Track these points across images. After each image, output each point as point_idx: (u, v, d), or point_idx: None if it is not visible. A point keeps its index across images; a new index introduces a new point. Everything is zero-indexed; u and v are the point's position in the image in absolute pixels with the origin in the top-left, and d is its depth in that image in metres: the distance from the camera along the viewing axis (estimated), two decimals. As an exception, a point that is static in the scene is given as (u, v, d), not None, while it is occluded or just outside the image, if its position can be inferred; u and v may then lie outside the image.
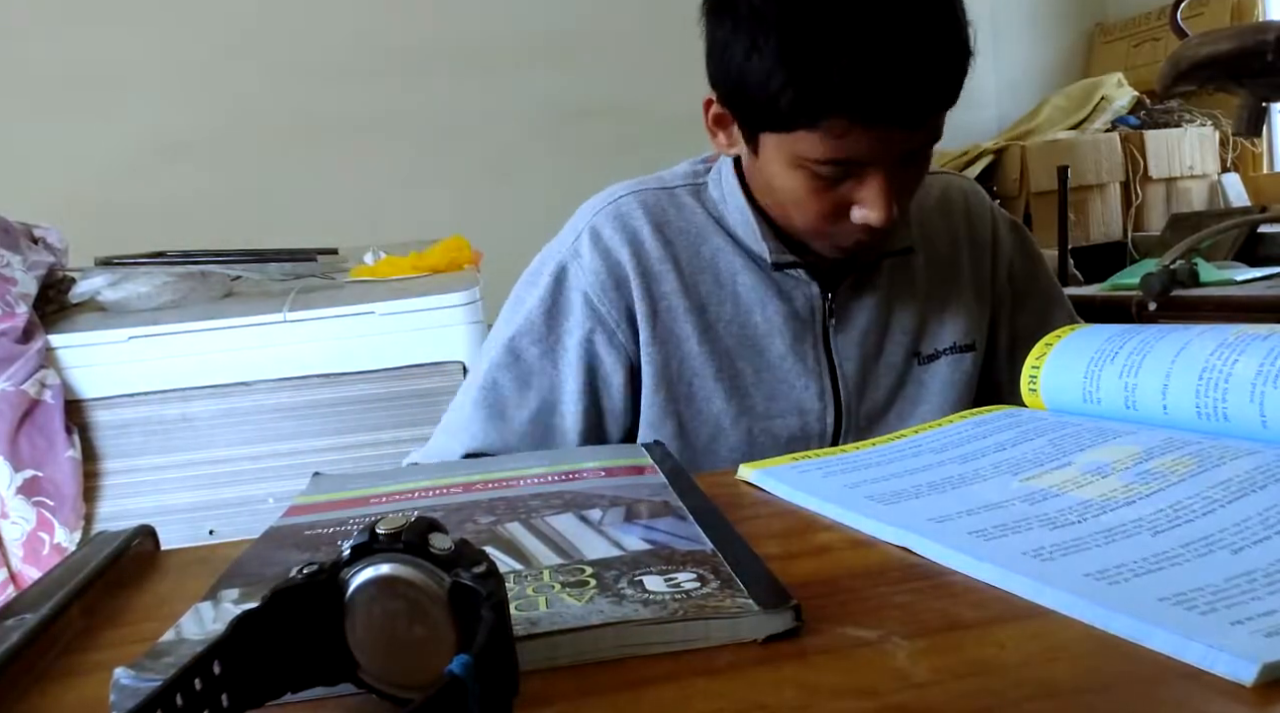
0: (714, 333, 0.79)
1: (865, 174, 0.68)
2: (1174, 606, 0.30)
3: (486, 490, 0.50)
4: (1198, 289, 1.43)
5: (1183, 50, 1.35)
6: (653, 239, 0.79)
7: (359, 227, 2.25)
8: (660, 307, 0.78)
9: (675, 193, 0.82)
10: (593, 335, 0.78)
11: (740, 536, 0.40)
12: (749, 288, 0.79)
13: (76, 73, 2.46)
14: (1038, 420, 0.55)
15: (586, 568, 0.37)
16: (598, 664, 0.31)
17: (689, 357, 0.78)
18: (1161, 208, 2.52)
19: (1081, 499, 0.40)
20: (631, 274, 0.78)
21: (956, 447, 0.52)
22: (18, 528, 1.32)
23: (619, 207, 0.81)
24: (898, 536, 0.39)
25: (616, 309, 0.78)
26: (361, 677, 0.29)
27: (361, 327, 1.44)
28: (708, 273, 0.79)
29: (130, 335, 1.41)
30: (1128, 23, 2.98)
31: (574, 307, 0.78)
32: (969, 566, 0.36)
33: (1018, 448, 0.49)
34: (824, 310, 0.79)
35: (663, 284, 0.78)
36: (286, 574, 0.39)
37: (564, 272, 0.79)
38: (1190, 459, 0.42)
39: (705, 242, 0.80)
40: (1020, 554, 0.35)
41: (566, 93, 2.63)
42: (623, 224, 0.79)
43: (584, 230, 0.80)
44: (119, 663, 0.31)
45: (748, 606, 0.32)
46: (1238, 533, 0.35)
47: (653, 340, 0.78)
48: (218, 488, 1.44)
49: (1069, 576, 0.33)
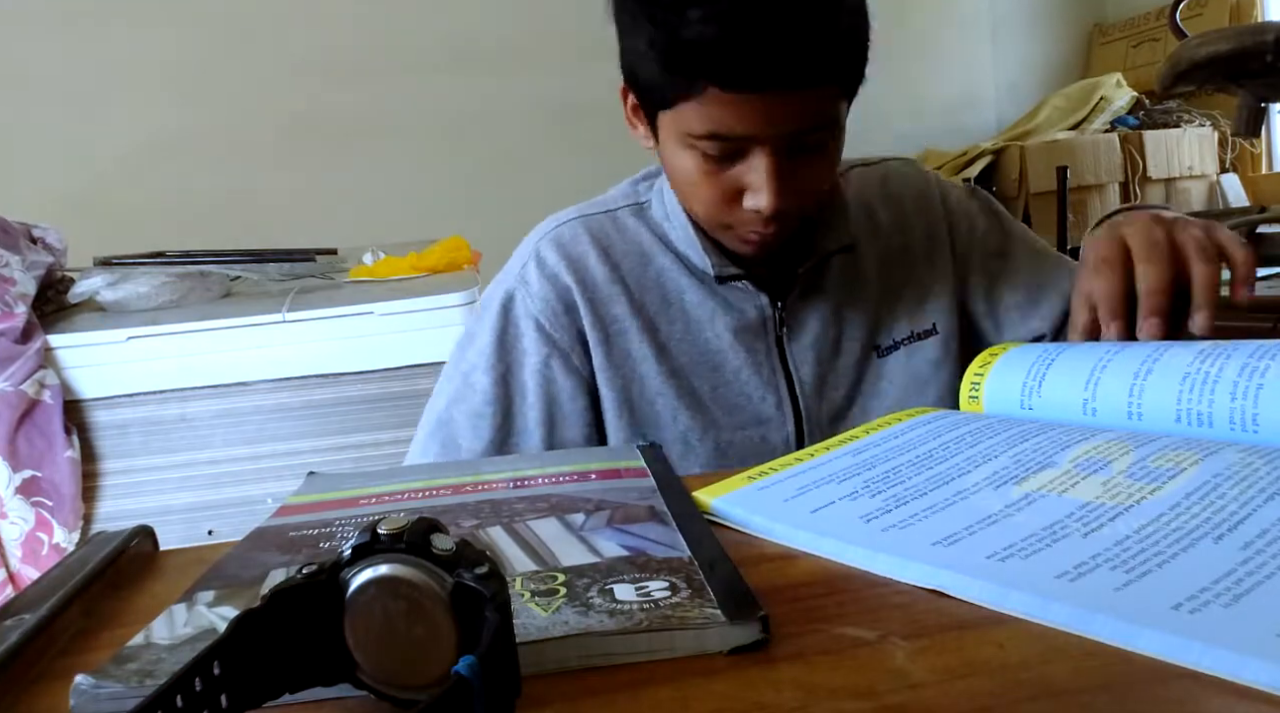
0: (668, 352, 0.78)
1: (750, 155, 0.66)
2: (1227, 620, 0.28)
3: (475, 493, 0.50)
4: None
5: (1182, 51, 1.35)
6: (599, 263, 0.78)
7: (358, 227, 2.25)
8: (612, 330, 0.77)
9: (617, 216, 0.82)
10: (549, 361, 0.77)
11: (719, 542, 0.39)
12: (696, 305, 0.78)
13: (76, 72, 2.46)
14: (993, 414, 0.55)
15: (559, 575, 0.36)
16: (597, 666, 0.31)
17: (648, 378, 0.77)
18: (1160, 208, 2.52)
19: (1079, 502, 0.39)
20: (579, 299, 0.77)
21: (925, 445, 0.50)
22: (16, 528, 1.32)
23: (561, 232, 0.80)
24: (904, 572, 0.36)
25: (569, 334, 0.77)
26: (360, 677, 0.29)
27: (360, 327, 1.44)
28: (655, 292, 0.79)
29: (129, 335, 1.41)
30: (1127, 23, 2.99)
31: (524, 333, 0.77)
32: (997, 597, 0.33)
33: (993, 454, 0.47)
34: (775, 319, 0.78)
35: (612, 307, 0.77)
36: (265, 577, 0.39)
37: (511, 300, 0.78)
38: (1192, 454, 0.42)
39: (650, 261, 0.79)
40: (1053, 578, 0.32)
41: (566, 93, 2.63)
42: (567, 250, 0.79)
43: (529, 258, 0.80)
44: (118, 663, 0.31)
45: (715, 616, 0.32)
46: (1260, 533, 0.33)
47: (608, 365, 0.77)
48: (217, 488, 1.44)
49: (1100, 597, 0.31)
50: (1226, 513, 0.36)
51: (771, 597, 0.34)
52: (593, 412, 0.77)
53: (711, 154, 0.67)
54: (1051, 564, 0.33)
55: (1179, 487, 0.39)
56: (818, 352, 0.79)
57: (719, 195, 0.69)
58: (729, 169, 0.68)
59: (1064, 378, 0.54)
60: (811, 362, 0.79)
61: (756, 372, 0.78)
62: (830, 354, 0.80)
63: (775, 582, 0.36)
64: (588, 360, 0.77)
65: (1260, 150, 2.66)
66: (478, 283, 1.52)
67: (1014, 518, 0.38)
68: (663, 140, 0.71)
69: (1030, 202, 2.47)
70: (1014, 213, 2.62)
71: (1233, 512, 0.36)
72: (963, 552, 0.36)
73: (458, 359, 0.81)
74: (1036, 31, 3.14)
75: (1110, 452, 0.44)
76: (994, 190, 2.54)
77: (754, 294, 0.78)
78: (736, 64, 0.62)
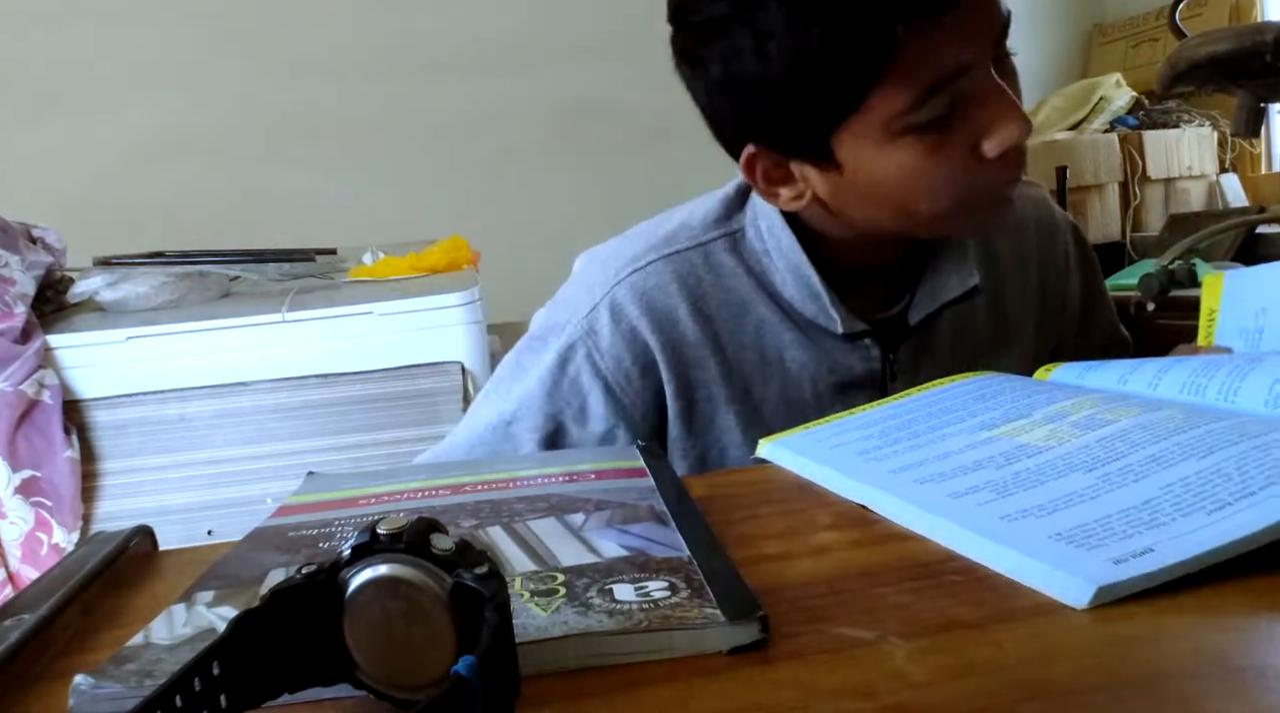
0: (759, 417, 0.68)
1: (974, 92, 0.56)
2: (1058, 541, 0.34)
3: (475, 493, 0.50)
4: (1196, 290, 1.43)
5: (1181, 51, 1.35)
6: (689, 319, 0.66)
7: (357, 227, 2.25)
8: (698, 396, 0.67)
9: (710, 251, 0.68)
10: (614, 432, 0.67)
11: (718, 541, 0.39)
12: (800, 364, 0.68)
13: (75, 72, 2.46)
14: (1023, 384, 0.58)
15: (559, 575, 0.36)
16: (597, 666, 0.31)
17: (730, 446, 0.68)
18: (1160, 208, 2.52)
19: (1018, 444, 0.44)
20: (661, 361, 0.66)
21: (938, 405, 0.56)
22: (16, 528, 1.32)
23: (646, 278, 0.67)
24: (858, 493, 0.44)
25: (643, 399, 0.66)
26: (359, 677, 0.29)
27: (360, 327, 1.44)
28: (752, 351, 0.68)
29: (128, 335, 1.41)
30: (1126, 23, 2.99)
31: (588, 393, 0.66)
32: (901, 512, 0.40)
33: (996, 401, 0.53)
34: (884, 372, 0.69)
35: (701, 371, 0.67)
36: (264, 577, 0.39)
37: (573, 351, 0.67)
38: (1136, 408, 0.46)
39: (748, 312, 0.68)
40: (945, 497, 0.40)
41: (566, 93, 2.63)
42: (651, 302, 0.66)
43: (602, 303, 0.67)
44: (118, 664, 0.31)
45: (714, 616, 0.32)
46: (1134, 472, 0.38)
47: (688, 434, 0.68)
48: (216, 488, 1.44)
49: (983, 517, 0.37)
50: (1115, 453, 0.41)
51: (770, 597, 0.34)
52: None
53: (931, 120, 0.56)
54: (951, 488, 0.40)
55: (1104, 433, 0.43)
56: None
57: (958, 162, 0.58)
58: (954, 129, 0.57)
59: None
60: None
61: None
62: None
63: (774, 582, 0.36)
64: (660, 428, 0.68)
65: (1260, 151, 2.66)
66: (477, 283, 1.52)
67: (963, 455, 0.45)
68: (858, 161, 0.59)
69: (1030, 202, 2.47)
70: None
71: (1121, 453, 0.40)
72: (899, 477, 0.44)
73: (500, 394, 0.70)
74: (1036, 32, 3.13)
75: (1081, 407, 0.48)
76: (993, 190, 2.54)
77: (868, 347, 0.68)
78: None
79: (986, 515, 0.37)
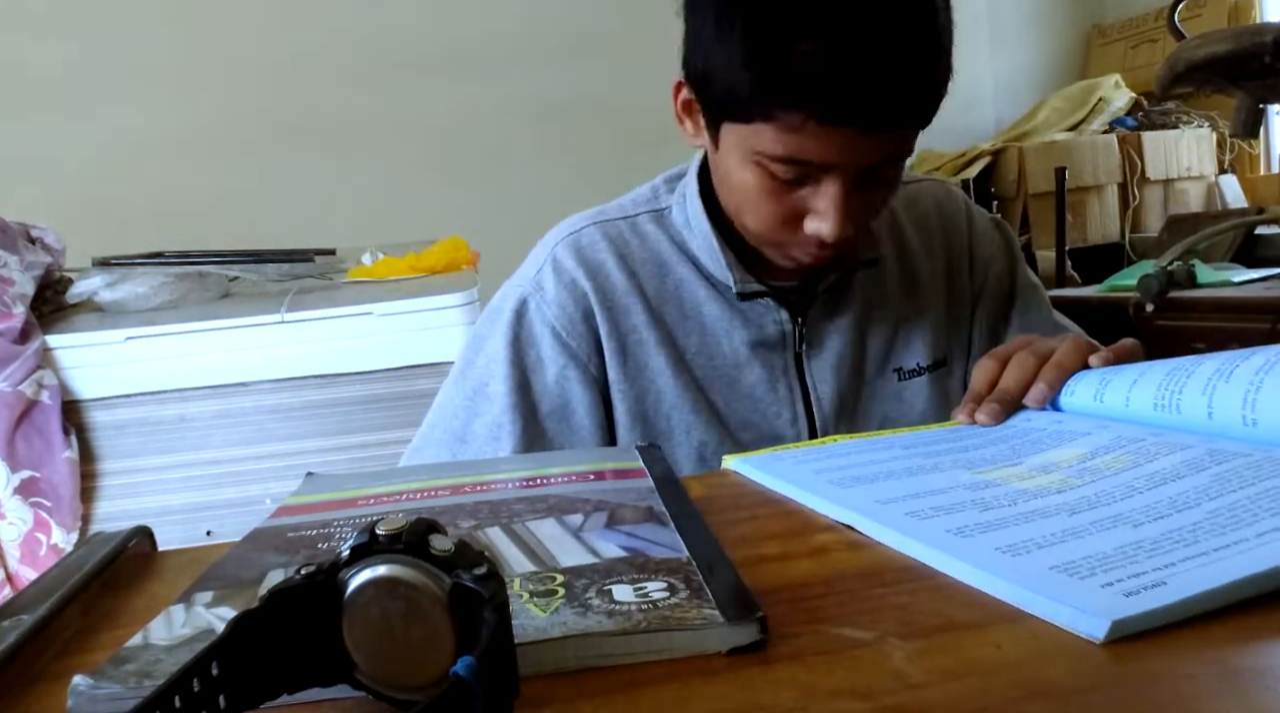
0: (685, 365, 0.76)
1: (822, 182, 0.65)
2: (1059, 573, 0.33)
3: (474, 493, 0.50)
4: (1195, 291, 1.43)
5: (1180, 52, 1.35)
6: (617, 271, 0.76)
7: (357, 227, 2.25)
8: (630, 341, 0.76)
9: (637, 222, 0.80)
10: (566, 371, 0.75)
11: (718, 542, 0.39)
12: (715, 318, 0.77)
13: (74, 72, 2.46)
14: (1005, 426, 0.58)
15: (558, 576, 0.36)
16: (596, 666, 0.31)
17: (664, 391, 0.76)
18: (1159, 209, 2.53)
19: (1019, 489, 0.44)
20: (597, 307, 0.75)
21: (924, 445, 0.55)
22: (15, 529, 1.32)
23: (579, 238, 0.78)
24: (842, 515, 0.43)
25: (586, 343, 0.75)
26: (358, 678, 0.29)
27: (359, 327, 1.44)
28: (673, 303, 0.77)
29: (128, 336, 1.41)
30: (1125, 24, 2.99)
31: (540, 341, 0.75)
32: (898, 541, 0.39)
33: (979, 451, 0.53)
34: (795, 335, 0.77)
35: (631, 317, 0.76)
36: (263, 577, 0.39)
37: (525, 306, 0.76)
38: (1128, 456, 0.46)
39: (669, 271, 0.78)
40: (944, 532, 0.39)
41: (564, 93, 2.63)
42: (584, 256, 0.77)
43: (545, 262, 0.78)
44: (117, 664, 0.31)
45: (713, 617, 0.32)
46: (1145, 513, 0.38)
47: (624, 377, 0.75)
48: (215, 489, 1.44)
49: (980, 550, 0.36)
50: (1113, 496, 0.40)
51: (770, 597, 0.34)
52: (607, 424, 0.76)
53: (780, 176, 0.66)
54: (946, 524, 0.40)
55: (1105, 485, 0.43)
56: (838, 370, 0.78)
57: (780, 216, 0.68)
58: (794, 192, 0.67)
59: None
60: (831, 380, 0.78)
61: (773, 387, 0.77)
62: (850, 372, 0.79)
63: (774, 582, 0.36)
64: (603, 371, 0.76)
65: (1258, 151, 2.66)
66: (477, 283, 1.52)
67: (949, 492, 0.44)
68: (724, 151, 0.69)
69: (1029, 202, 2.47)
70: (1012, 214, 2.62)
71: (1118, 498, 0.40)
72: (888, 507, 0.43)
73: (466, 369, 0.78)
74: (1035, 32, 3.14)
75: (1071, 460, 0.48)
76: (992, 191, 2.54)
77: (774, 309, 0.77)
78: (840, 100, 0.61)
79: (985, 546, 0.37)
